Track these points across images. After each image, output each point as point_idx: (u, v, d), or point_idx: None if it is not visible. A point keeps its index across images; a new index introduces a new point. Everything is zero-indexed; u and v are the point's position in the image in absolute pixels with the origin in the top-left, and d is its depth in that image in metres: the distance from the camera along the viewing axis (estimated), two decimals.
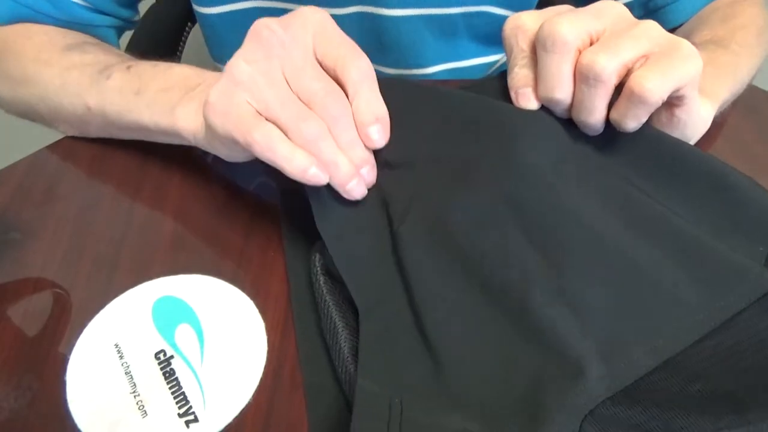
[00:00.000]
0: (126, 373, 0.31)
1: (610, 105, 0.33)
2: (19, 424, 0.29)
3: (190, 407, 0.29)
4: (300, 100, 0.30)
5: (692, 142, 0.36)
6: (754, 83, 0.47)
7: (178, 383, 0.30)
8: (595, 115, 0.33)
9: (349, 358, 0.29)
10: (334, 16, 0.52)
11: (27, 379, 0.31)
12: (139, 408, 0.29)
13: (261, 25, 0.31)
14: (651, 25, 0.32)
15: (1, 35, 0.45)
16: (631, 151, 0.35)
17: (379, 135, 0.31)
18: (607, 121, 0.34)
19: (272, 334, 0.32)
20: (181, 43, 0.70)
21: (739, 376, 0.27)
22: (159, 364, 0.31)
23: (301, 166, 0.29)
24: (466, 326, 0.30)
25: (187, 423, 0.29)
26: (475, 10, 0.54)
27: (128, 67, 0.39)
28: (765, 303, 0.29)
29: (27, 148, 0.44)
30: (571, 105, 0.34)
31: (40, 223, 0.38)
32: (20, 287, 0.35)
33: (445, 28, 0.55)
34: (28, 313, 0.34)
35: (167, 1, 0.70)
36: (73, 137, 0.44)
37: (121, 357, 0.31)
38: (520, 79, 0.35)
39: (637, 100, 0.31)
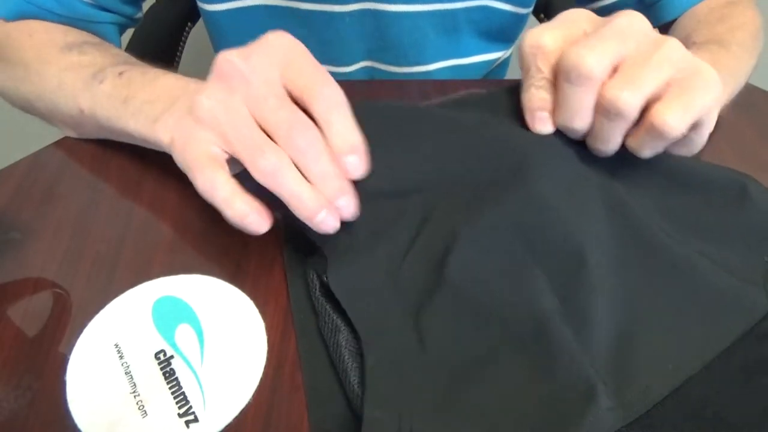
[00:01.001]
0: (126, 373, 0.31)
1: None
2: (19, 424, 0.29)
3: (190, 407, 0.29)
4: (266, 133, 0.29)
5: (695, 152, 0.37)
6: (754, 83, 0.47)
7: (178, 383, 0.30)
8: (611, 145, 0.33)
9: (347, 358, 0.29)
10: (337, 14, 0.52)
11: (27, 379, 0.31)
12: (139, 408, 0.29)
13: (222, 59, 0.30)
14: (673, 47, 0.32)
15: (4, 31, 0.45)
16: (641, 168, 0.35)
17: (357, 165, 0.30)
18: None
19: (272, 334, 0.32)
20: (181, 43, 0.70)
21: (750, 398, 0.27)
22: (159, 364, 0.31)
23: (238, 214, 0.29)
24: (477, 353, 0.29)
25: (187, 423, 0.29)
26: (476, 5, 0.54)
27: (120, 73, 0.39)
28: (762, 327, 0.30)
29: (27, 148, 0.44)
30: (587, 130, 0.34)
31: (40, 223, 0.38)
32: (20, 287, 0.35)
33: (447, 23, 0.55)
34: (28, 313, 0.34)
35: (167, 1, 0.70)
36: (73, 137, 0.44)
37: (121, 357, 0.31)
38: (536, 101, 0.35)
39: (658, 135, 0.31)
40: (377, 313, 0.30)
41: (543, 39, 0.33)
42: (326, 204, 0.29)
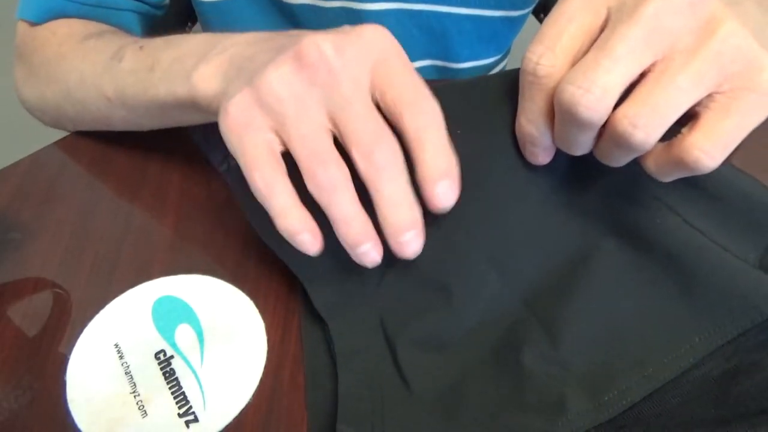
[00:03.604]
0: (126, 373, 0.31)
1: None
2: (19, 424, 0.29)
3: (190, 407, 0.29)
4: (341, 140, 0.26)
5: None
6: None
7: (178, 383, 0.30)
8: (617, 165, 0.28)
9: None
10: (320, 8, 0.52)
11: (27, 379, 0.31)
12: (139, 408, 0.29)
13: (310, 42, 0.26)
14: (726, 38, 0.24)
15: (30, 34, 0.45)
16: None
17: (448, 194, 0.26)
18: None
19: (272, 334, 0.32)
20: None
21: (730, 403, 0.27)
22: (159, 364, 0.31)
23: (291, 228, 0.26)
24: (448, 373, 0.29)
25: (187, 423, 0.29)
26: (464, 13, 0.53)
27: (140, 47, 0.36)
28: (759, 333, 0.28)
29: (27, 148, 0.44)
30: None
31: (40, 223, 0.38)
32: (20, 287, 0.35)
33: (433, 25, 0.54)
34: (28, 313, 0.34)
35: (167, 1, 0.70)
36: (73, 136, 0.44)
37: (121, 357, 0.31)
38: (526, 136, 0.30)
39: (688, 170, 0.26)
40: (355, 329, 0.30)
41: (539, 66, 0.26)
42: (374, 237, 0.26)
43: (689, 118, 0.25)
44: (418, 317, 0.31)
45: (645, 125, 0.24)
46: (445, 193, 0.26)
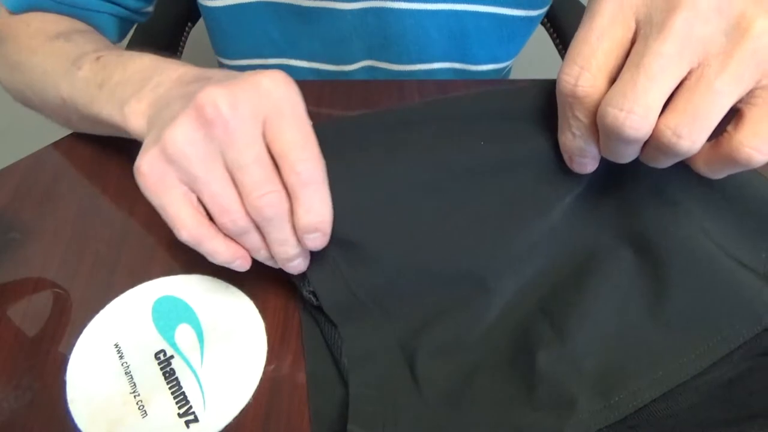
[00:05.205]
0: (126, 373, 0.31)
1: None
2: (19, 424, 0.29)
3: (190, 407, 0.29)
4: (235, 188, 0.29)
5: None
6: None
7: (178, 383, 0.30)
8: (666, 166, 0.29)
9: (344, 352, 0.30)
10: (339, 11, 0.52)
11: (27, 379, 0.31)
12: (139, 408, 0.29)
13: (206, 99, 0.27)
14: (762, 43, 0.24)
15: (7, 23, 0.46)
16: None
17: (316, 241, 0.29)
18: None
19: (272, 334, 0.32)
20: (181, 43, 0.70)
21: (738, 404, 0.27)
22: (159, 364, 0.31)
23: (226, 260, 0.30)
24: (460, 374, 0.29)
25: (187, 423, 0.29)
26: (485, 11, 0.53)
27: (97, 58, 0.38)
28: (766, 338, 0.29)
29: (27, 148, 0.44)
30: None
31: (40, 223, 0.38)
32: (20, 287, 0.35)
33: (452, 25, 0.54)
34: (28, 313, 0.34)
35: (167, 1, 0.70)
36: (74, 136, 0.44)
37: (121, 357, 0.31)
38: (574, 149, 0.31)
39: (740, 167, 0.26)
40: (367, 332, 0.31)
41: (578, 87, 0.27)
42: (243, 254, 0.30)
43: (733, 114, 0.26)
44: (434, 320, 0.31)
45: (689, 134, 0.25)
46: (313, 241, 0.29)
